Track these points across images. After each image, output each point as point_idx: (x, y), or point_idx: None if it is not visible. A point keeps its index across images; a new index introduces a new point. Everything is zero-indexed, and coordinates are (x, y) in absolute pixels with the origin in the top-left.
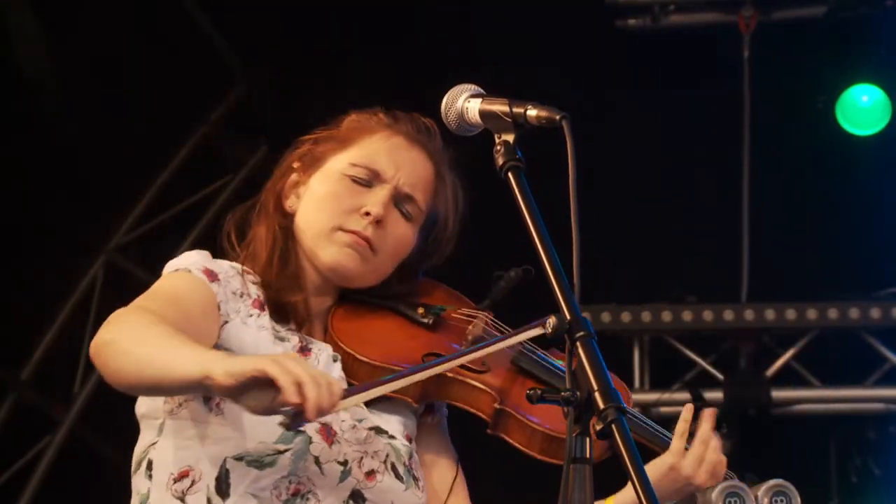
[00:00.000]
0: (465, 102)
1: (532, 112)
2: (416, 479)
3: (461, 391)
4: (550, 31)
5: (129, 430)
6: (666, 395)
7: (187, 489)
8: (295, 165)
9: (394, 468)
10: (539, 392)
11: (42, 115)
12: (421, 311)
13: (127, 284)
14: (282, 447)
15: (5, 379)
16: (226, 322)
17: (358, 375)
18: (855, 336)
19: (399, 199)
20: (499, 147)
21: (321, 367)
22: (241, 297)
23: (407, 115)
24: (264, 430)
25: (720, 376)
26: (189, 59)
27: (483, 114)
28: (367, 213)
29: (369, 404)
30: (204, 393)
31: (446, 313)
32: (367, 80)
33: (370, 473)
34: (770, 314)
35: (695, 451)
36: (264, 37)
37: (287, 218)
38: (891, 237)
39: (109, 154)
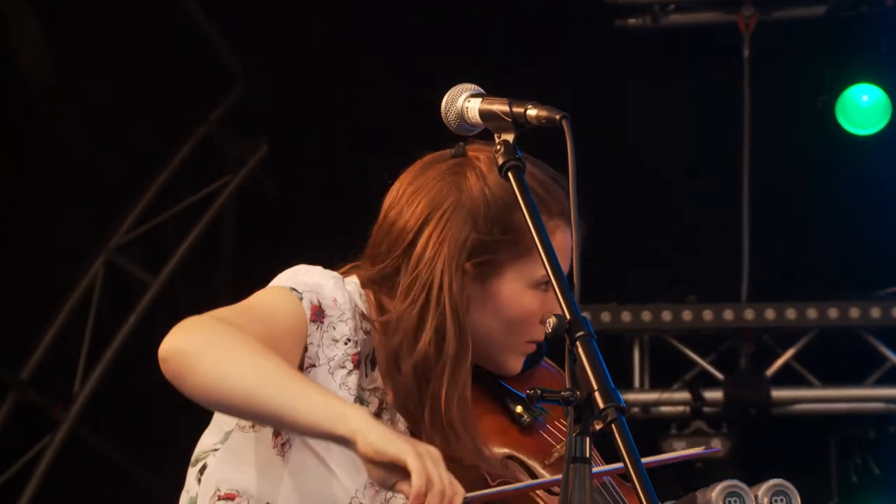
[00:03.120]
0: (465, 102)
1: (532, 112)
2: None
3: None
4: (550, 31)
5: (129, 429)
6: (666, 395)
7: None
8: (467, 268)
9: None
10: (539, 392)
11: (42, 115)
12: (520, 409)
13: (127, 284)
14: None
15: (5, 379)
16: (313, 366)
17: None
18: (855, 336)
19: None
20: (499, 147)
21: None
22: (346, 343)
23: (552, 182)
24: (310, 497)
25: (720, 376)
26: (189, 59)
27: (483, 113)
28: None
29: None
30: (324, 440)
31: (546, 417)
32: (366, 80)
33: None
34: (770, 314)
35: None
36: (264, 37)
37: None
38: (891, 237)
39: (109, 154)
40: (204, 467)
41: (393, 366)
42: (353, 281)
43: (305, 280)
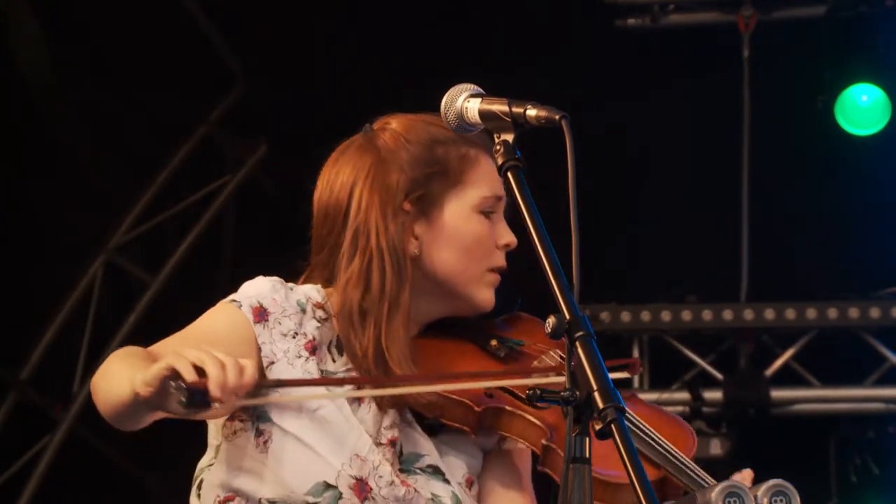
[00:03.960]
0: (465, 102)
1: (531, 112)
2: None
3: (516, 424)
4: (550, 31)
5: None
6: (666, 395)
7: None
8: (406, 208)
9: None
10: (539, 391)
11: (42, 115)
12: (495, 342)
13: (126, 284)
14: (311, 499)
15: (5, 379)
16: (272, 363)
17: (417, 407)
18: (855, 336)
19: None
20: (498, 147)
21: (371, 414)
22: (294, 336)
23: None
24: (297, 479)
25: (720, 376)
26: (189, 59)
27: (482, 113)
28: (507, 245)
29: (435, 437)
30: (153, 409)
31: (524, 347)
32: (366, 80)
33: None
34: (769, 314)
35: None
36: (264, 37)
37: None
38: (891, 237)
39: (109, 154)
40: (201, 483)
41: (347, 320)
42: (310, 285)
43: (245, 290)
